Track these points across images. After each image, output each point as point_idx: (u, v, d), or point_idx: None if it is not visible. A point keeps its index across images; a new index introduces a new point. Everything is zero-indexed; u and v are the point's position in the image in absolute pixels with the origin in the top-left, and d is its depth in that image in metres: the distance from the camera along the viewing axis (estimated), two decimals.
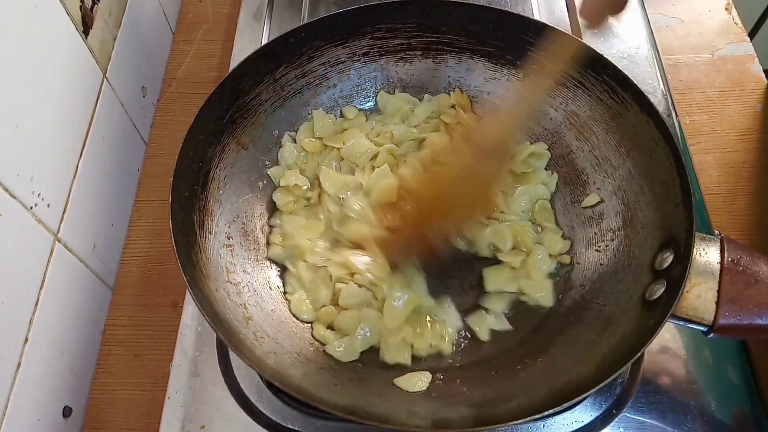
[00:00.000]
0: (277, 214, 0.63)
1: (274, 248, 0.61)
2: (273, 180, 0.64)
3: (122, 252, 0.70)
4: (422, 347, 0.56)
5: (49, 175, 0.56)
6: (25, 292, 0.53)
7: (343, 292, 0.57)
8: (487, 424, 0.47)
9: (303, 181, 0.64)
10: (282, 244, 0.61)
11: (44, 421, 0.55)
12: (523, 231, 0.61)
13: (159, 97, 0.81)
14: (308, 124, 0.67)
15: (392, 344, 0.55)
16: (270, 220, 0.63)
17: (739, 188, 0.72)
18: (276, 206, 0.63)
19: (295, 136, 0.66)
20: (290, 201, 0.63)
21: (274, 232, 0.62)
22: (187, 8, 0.89)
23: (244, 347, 0.48)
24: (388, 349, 0.55)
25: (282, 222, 0.62)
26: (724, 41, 0.83)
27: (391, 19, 0.64)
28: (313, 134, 0.66)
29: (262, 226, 0.62)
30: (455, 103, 0.68)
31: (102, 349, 0.64)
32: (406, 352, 0.55)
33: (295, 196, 0.63)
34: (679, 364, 0.58)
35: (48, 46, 0.56)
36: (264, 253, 0.61)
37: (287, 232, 0.61)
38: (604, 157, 0.61)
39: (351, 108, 0.69)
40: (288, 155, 0.65)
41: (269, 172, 0.64)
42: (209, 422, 0.55)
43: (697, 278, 0.49)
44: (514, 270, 0.60)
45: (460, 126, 0.66)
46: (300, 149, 0.66)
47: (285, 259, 0.60)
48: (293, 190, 0.63)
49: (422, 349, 0.56)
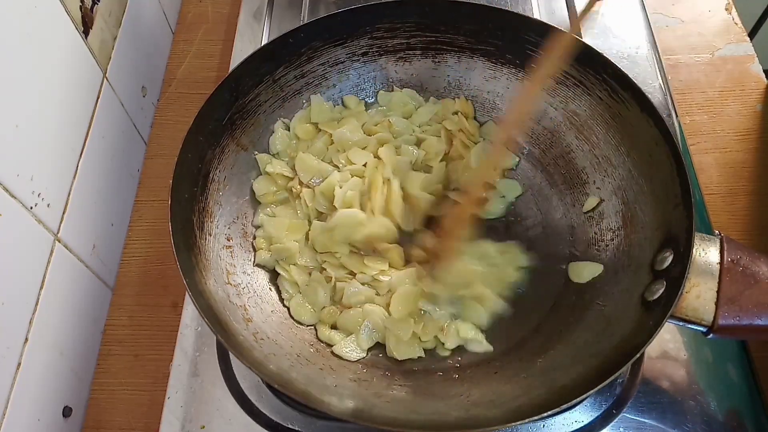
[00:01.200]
0: (259, 211, 0.62)
1: (261, 254, 0.59)
2: (260, 165, 0.63)
3: (122, 252, 0.70)
4: (428, 340, 0.56)
5: (49, 175, 0.56)
6: (25, 292, 0.53)
7: (347, 291, 0.57)
8: (487, 424, 0.47)
9: (288, 171, 0.62)
10: (269, 249, 0.59)
11: (44, 421, 0.55)
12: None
13: (159, 97, 0.81)
14: (305, 111, 0.66)
15: (404, 339, 0.55)
16: (254, 220, 0.62)
17: (739, 188, 0.72)
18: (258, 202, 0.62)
19: (289, 123, 0.65)
20: (272, 191, 0.61)
21: (258, 236, 0.61)
22: (187, 8, 0.89)
23: (243, 349, 0.48)
24: (398, 345, 0.55)
25: (264, 224, 0.60)
26: (724, 41, 0.83)
27: (390, 19, 0.64)
28: (309, 120, 0.65)
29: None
30: (459, 110, 0.67)
31: (102, 349, 0.64)
32: (416, 347, 0.56)
33: (277, 186, 0.62)
34: (679, 365, 0.58)
35: (48, 46, 0.56)
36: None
37: (272, 236, 0.60)
38: (604, 156, 0.61)
39: (352, 97, 0.68)
40: (278, 142, 0.63)
41: (256, 157, 0.63)
42: (209, 422, 0.55)
43: (696, 278, 0.49)
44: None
45: (461, 133, 0.66)
46: (293, 136, 0.64)
47: (274, 264, 0.59)
48: (276, 178, 0.62)
49: (428, 342, 0.56)
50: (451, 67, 0.68)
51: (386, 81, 0.69)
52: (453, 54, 0.67)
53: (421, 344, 0.56)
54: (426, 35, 0.66)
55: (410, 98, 0.68)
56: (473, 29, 0.64)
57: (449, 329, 0.56)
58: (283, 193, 0.62)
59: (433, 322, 0.57)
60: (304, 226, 0.61)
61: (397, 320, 0.56)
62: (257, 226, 0.61)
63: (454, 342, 0.56)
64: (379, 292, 0.58)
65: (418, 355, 0.56)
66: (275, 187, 0.62)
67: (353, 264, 0.58)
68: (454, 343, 0.56)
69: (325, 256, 0.59)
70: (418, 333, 0.56)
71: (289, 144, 0.64)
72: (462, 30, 0.65)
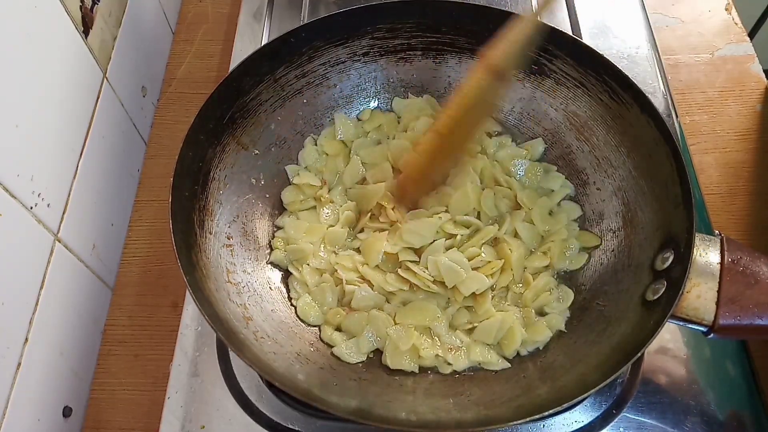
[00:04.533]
0: (284, 215, 0.63)
1: (276, 252, 0.61)
2: (289, 176, 0.65)
3: (122, 252, 0.70)
4: (428, 357, 0.55)
5: (49, 175, 0.56)
6: (25, 292, 0.53)
7: (356, 294, 0.57)
8: (487, 424, 0.47)
9: (316, 181, 0.64)
10: (284, 249, 0.61)
11: (44, 421, 0.55)
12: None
13: (159, 97, 0.81)
14: (330, 129, 0.67)
15: (402, 350, 0.55)
16: (277, 221, 0.63)
17: (739, 188, 0.72)
18: (282, 206, 0.64)
19: (317, 139, 0.67)
20: (299, 200, 0.64)
21: (276, 236, 0.62)
22: (187, 8, 0.89)
23: (244, 347, 0.48)
24: (393, 355, 0.55)
25: (285, 226, 0.62)
26: (724, 41, 0.83)
27: (391, 19, 0.64)
28: (335, 137, 0.67)
29: (263, 226, 0.62)
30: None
31: (102, 349, 0.64)
32: (412, 360, 0.55)
33: (305, 195, 0.64)
34: (679, 364, 0.58)
35: (48, 46, 0.56)
36: (264, 253, 0.61)
37: (289, 236, 0.61)
38: (604, 157, 0.61)
39: (368, 111, 0.69)
40: (308, 156, 0.66)
41: (286, 169, 0.65)
42: (209, 422, 0.55)
43: (697, 278, 0.49)
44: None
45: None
46: (321, 152, 0.66)
47: (288, 263, 0.60)
48: (304, 189, 0.64)
49: (428, 359, 0.55)
50: (452, 68, 0.68)
51: (387, 81, 0.69)
52: (454, 55, 0.67)
53: (419, 360, 0.55)
54: (427, 36, 0.66)
55: (429, 106, 0.68)
56: (474, 30, 0.64)
57: (459, 350, 0.55)
58: (310, 201, 0.64)
59: (441, 343, 0.56)
60: (321, 229, 0.61)
61: (400, 328, 0.56)
62: (279, 226, 0.63)
63: (463, 364, 0.55)
64: (389, 301, 0.58)
65: (411, 370, 0.55)
66: (303, 196, 0.64)
67: (373, 275, 0.58)
68: (463, 365, 0.55)
69: (341, 258, 0.60)
70: (418, 347, 0.55)
71: (318, 159, 0.66)
72: (463, 31, 0.65)
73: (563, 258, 0.59)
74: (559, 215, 0.62)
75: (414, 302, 0.57)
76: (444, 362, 0.55)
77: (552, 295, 0.57)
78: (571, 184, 0.64)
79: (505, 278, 0.58)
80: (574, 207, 0.62)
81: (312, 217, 0.63)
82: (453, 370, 0.55)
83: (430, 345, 0.56)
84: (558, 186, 0.63)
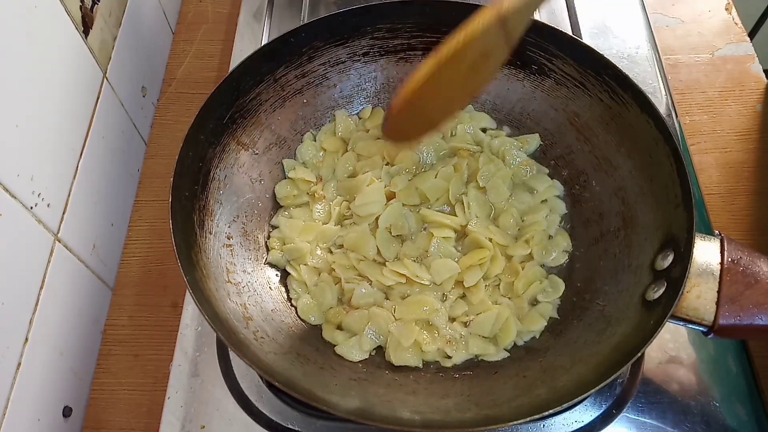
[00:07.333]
0: (279, 213, 0.63)
1: (273, 253, 0.60)
2: (285, 170, 0.65)
3: (122, 252, 0.70)
4: (431, 351, 0.55)
5: (49, 175, 0.56)
6: (25, 292, 0.53)
7: (356, 292, 0.57)
8: (487, 424, 0.47)
9: (311, 176, 0.64)
10: (281, 249, 0.60)
11: (44, 421, 0.55)
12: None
13: (159, 97, 0.81)
14: (330, 125, 0.67)
15: (405, 346, 0.55)
16: (272, 220, 0.63)
17: (739, 188, 0.72)
18: (278, 205, 0.63)
19: (317, 135, 0.67)
20: (293, 194, 0.63)
21: (272, 236, 0.62)
22: (187, 8, 0.89)
23: (244, 347, 0.48)
24: (396, 351, 0.55)
25: (280, 225, 0.62)
26: (724, 41, 0.83)
27: (391, 19, 0.64)
28: (335, 134, 0.67)
29: (263, 226, 0.62)
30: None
31: (102, 349, 0.64)
32: (415, 355, 0.55)
33: (299, 190, 0.64)
34: (679, 364, 0.58)
35: (48, 46, 0.56)
36: (264, 253, 0.61)
37: (285, 236, 0.61)
38: (604, 157, 0.61)
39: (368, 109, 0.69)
40: (305, 152, 0.66)
41: (283, 162, 0.65)
42: (209, 422, 0.55)
43: (697, 278, 0.49)
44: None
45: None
46: (319, 148, 0.66)
47: (285, 263, 0.60)
48: (298, 183, 0.64)
49: (430, 354, 0.56)
50: None
51: (387, 81, 0.69)
52: None
53: (421, 355, 0.56)
54: (427, 36, 0.66)
55: None
56: None
57: (458, 343, 0.56)
58: (303, 197, 0.64)
59: (440, 336, 0.56)
60: (317, 227, 0.61)
61: (401, 324, 0.56)
62: (274, 226, 0.62)
63: (462, 356, 0.55)
64: (389, 297, 0.58)
65: (416, 365, 0.55)
66: (296, 191, 0.64)
67: (371, 271, 0.58)
68: (462, 357, 0.56)
69: (336, 257, 0.60)
70: (420, 342, 0.55)
71: (315, 155, 0.66)
72: None
73: (544, 249, 0.60)
74: (540, 207, 0.62)
75: (413, 295, 0.57)
76: (444, 355, 0.56)
77: (542, 285, 0.58)
78: (561, 185, 0.64)
79: (496, 267, 0.58)
80: (559, 203, 0.63)
81: (305, 214, 0.63)
82: (453, 364, 0.55)
83: (430, 339, 0.56)
84: (543, 187, 0.63)
